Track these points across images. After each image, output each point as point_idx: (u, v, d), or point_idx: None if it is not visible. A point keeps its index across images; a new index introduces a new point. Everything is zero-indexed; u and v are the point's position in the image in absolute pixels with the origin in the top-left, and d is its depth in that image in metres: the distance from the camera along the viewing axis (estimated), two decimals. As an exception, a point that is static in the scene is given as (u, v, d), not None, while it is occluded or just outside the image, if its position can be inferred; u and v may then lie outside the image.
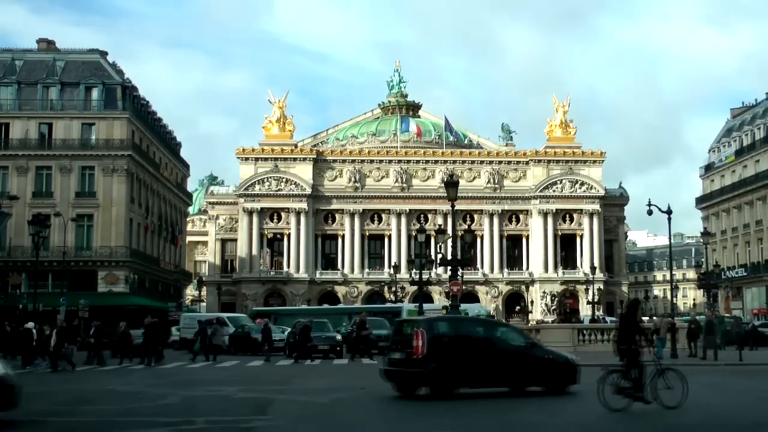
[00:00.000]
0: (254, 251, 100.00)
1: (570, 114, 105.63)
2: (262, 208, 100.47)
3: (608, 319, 72.61)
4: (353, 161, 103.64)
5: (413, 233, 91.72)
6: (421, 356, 19.59)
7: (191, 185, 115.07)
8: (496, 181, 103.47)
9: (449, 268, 41.15)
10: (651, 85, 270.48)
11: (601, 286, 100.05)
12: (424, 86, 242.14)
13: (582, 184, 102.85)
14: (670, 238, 51.17)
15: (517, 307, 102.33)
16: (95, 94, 76.10)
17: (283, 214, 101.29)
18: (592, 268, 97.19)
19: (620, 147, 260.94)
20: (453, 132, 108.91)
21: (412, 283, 57.55)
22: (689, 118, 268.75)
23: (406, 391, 20.39)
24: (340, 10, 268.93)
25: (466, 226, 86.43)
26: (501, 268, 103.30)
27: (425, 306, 49.37)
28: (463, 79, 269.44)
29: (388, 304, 73.31)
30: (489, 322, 31.80)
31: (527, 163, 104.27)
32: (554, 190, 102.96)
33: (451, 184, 37.20)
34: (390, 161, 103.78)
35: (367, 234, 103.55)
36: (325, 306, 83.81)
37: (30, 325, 38.57)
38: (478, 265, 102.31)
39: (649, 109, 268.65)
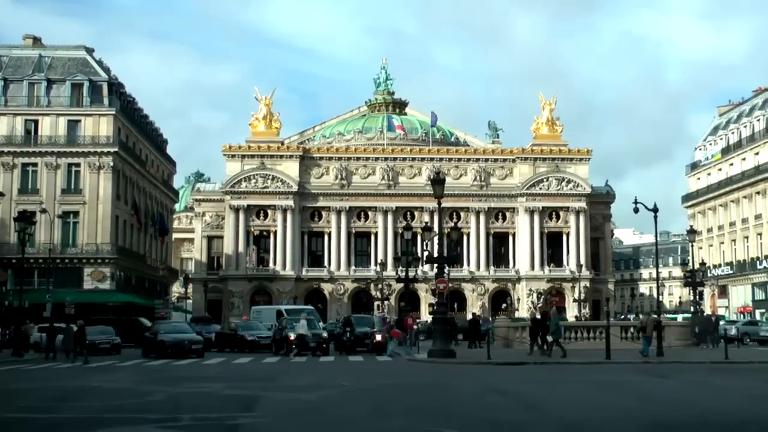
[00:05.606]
0: (241, 248, 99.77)
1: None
2: (248, 206, 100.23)
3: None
4: (340, 159, 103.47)
5: (400, 231, 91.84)
6: None
7: (177, 182, 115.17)
8: (483, 178, 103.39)
9: (435, 265, 41.22)
10: (654, 80, 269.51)
11: (588, 284, 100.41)
12: (413, 83, 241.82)
13: (568, 182, 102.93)
14: (656, 236, 51.43)
15: (504, 305, 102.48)
16: (81, 90, 75.92)
17: (269, 212, 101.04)
18: (579, 266, 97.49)
19: (624, 142, 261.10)
20: (434, 123, 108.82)
21: (399, 280, 57.40)
22: (693, 113, 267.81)
23: None
24: (330, 3, 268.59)
25: (452, 224, 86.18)
26: (487, 265, 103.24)
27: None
28: (454, 75, 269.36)
29: None
30: None
31: (514, 160, 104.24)
32: (541, 188, 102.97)
33: (437, 181, 37.29)
34: (377, 159, 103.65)
35: (354, 231, 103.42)
36: None
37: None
38: (465, 262, 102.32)
39: (653, 103, 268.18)
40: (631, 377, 26.52)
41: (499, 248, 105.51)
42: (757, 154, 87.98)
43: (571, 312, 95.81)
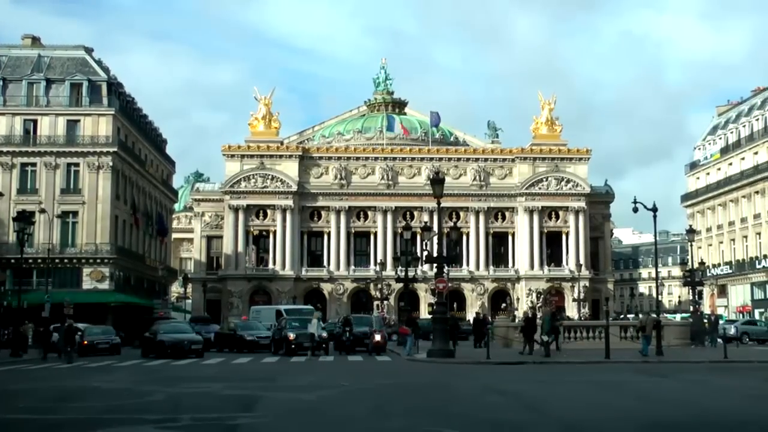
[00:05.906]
0: (240, 248, 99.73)
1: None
2: (247, 205, 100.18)
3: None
4: (339, 158, 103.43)
5: (399, 230, 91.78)
6: None
7: (177, 182, 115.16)
8: (482, 178, 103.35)
9: (435, 265, 41.20)
10: (654, 80, 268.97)
11: (587, 284, 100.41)
12: (413, 83, 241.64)
13: (568, 181, 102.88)
14: (655, 236, 51.40)
15: (503, 305, 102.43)
16: (81, 90, 75.86)
17: (269, 212, 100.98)
18: (578, 266, 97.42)
19: (623, 142, 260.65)
20: (437, 124, 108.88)
21: (398, 280, 57.40)
22: (693, 113, 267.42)
23: None
24: (330, 3, 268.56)
25: (452, 224, 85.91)
26: (487, 265, 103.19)
27: None
28: (454, 75, 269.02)
29: None
30: None
31: (513, 160, 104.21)
32: (540, 188, 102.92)
33: (437, 181, 37.26)
34: (376, 158, 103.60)
35: (353, 231, 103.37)
36: None
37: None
38: (464, 262, 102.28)
39: (653, 103, 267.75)
40: (630, 377, 26.52)
41: (499, 248, 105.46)
42: (756, 153, 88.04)
43: (570, 311, 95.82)
